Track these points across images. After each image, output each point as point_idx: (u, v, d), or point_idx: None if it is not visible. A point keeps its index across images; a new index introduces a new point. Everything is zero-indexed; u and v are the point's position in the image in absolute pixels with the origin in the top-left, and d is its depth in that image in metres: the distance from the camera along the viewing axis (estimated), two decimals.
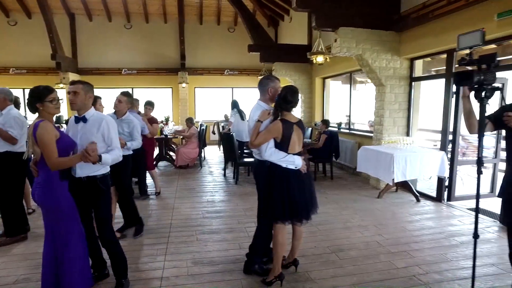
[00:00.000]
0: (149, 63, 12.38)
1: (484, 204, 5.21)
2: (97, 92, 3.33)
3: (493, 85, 2.10)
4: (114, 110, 3.90)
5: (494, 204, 5.13)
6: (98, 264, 2.92)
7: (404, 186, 5.59)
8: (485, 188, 5.73)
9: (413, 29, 5.47)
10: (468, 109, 2.33)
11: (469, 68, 2.16)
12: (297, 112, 11.19)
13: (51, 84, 3.32)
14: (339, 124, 8.62)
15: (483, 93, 2.09)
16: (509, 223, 2.30)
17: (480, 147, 2.15)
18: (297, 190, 2.73)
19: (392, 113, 5.98)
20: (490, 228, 4.19)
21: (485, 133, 2.31)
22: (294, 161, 2.72)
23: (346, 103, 8.37)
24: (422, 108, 6.36)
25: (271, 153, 2.72)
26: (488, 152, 6.65)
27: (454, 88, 5.06)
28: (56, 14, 11.22)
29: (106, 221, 2.68)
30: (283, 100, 2.71)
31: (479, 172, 2.25)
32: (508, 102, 2.33)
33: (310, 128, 8.45)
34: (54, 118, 2.55)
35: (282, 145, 2.73)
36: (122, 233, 3.89)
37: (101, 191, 2.61)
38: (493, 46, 5.86)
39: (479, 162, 2.21)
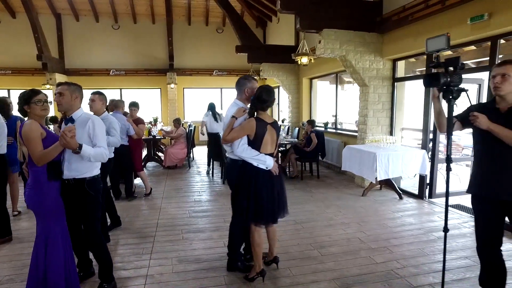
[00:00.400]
0: (138, 63, 12.35)
1: (462, 200, 5.39)
2: (87, 93, 3.38)
3: (459, 86, 2.21)
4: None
5: None
6: (84, 263, 2.96)
7: (388, 184, 5.73)
8: (464, 185, 5.91)
9: (395, 31, 5.62)
10: (438, 109, 2.45)
11: (436, 70, 2.27)
12: (285, 112, 11.33)
13: (37, 84, 3.35)
14: (326, 124, 8.75)
15: (448, 94, 2.20)
16: (477, 220, 2.42)
17: (448, 145, 2.27)
18: (264, 191, 2.75)
19: (375, 113, 6.13)
20: (467, 223, 4.35)
21: (453, 132, 2.44)
22: (265, 161, 2.76)
23: (333, 103, 8.51)
24: (408, 107, 6.53)
25: (243, 150, 2.76)
26: (467, 151, 6.88)
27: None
28: (42, 14, 11.13)
29: (91, 225, 2.65)
30: (258, 99, 2.78)
31: (448, 169, 2.36)
32: (481, 101, 2.45)
33: (297, 128, 8.56)
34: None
35: (255, 143, 2.78)
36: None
37: (88, 195, 2.58)
38: (473, 47, 6.09)
39: (448, 160, 2.33)
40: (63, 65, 11.69)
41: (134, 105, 5.56)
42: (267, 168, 2.78)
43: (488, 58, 4.38)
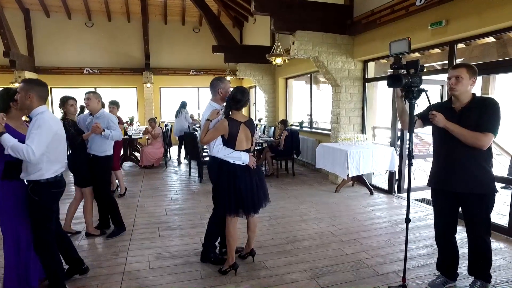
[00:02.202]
0: (113, 62, 12.14)
1: (428, 195, 5.71)
2: (60, 92, 3.36)
3: (419, 87, 2.40)
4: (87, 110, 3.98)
5: None
6: (73, 263, 2.94)
7: (360, 180, 5.98)
8: None
9: (365, 34, 5.87)
10: (401, 108, 2.65)
11: (398, 72, 2.46)
12: (262, 111, 11.48)
13: (5, 82, 3.31)
14: (301, 123, 8.97)
15: (409, 94, 2.39)
16: (435, 210, 2.64)
17: (410, 141, 2.46)
18: (243, 184, 2.90)
19: (347, 112, 6.37)
20: (430, 216, 4.62)
21: (415, 129, 2.65)
22: (240, 157, 2.91)
23: (308, 103, 8.73)
24: (379, 107, 6.82)
25: (218, 150, 2.91)
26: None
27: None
28: (8, 8, 10.71)
29: (35, 227, 2.52)
30: (233, 100, 2.90)
31: (410, 164, 2.55)
32: (437, 101, 2.66)
33: (273, 127, 8.72)
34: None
35: (230, 142, 2.91)
36: (102, 230, 4.01)
37: (31, 199, 2.46)
38: (438, 50, 6.44)
39: (410, 155, 2.52)
40: (33, 62, 11.31)
41: (114, 104, 5.52)
42: (243, 163, 2.91)
43: (445, 62, 4.70)
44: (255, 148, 6.96)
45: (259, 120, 11.40)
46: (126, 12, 11.91)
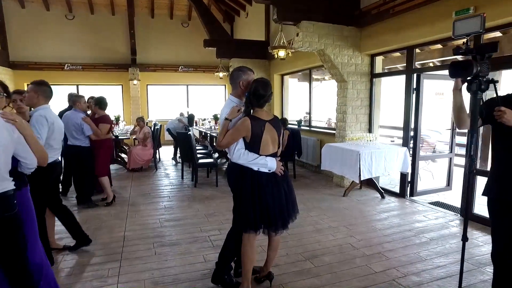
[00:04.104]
0: (96, 58, 11.37)
1: (441, 197, 5.35)
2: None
3: (487, 77, 1.94)
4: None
5: (452, 198, 5.30)
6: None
7: (369, 183, 5.55)
8: (441, 182, 5.91)
9: (374, 25, 5.44)
10: (460, 103, 2.16)
11: (462, 58, 2.00)
12: None
13: None
14: (299, 122, 8.51)
15: (475, 86, 1.92)
16: (497, 224, 2.19)
17: (472, 144, 1.99)
18: (270, 196, 2.43)
19: (354, 110, 5.94)
20: (453, 222, 4.24)
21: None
22: (266, 164, 2.42)
23: (305, 100, 8.28)
24: (383, 104, 6.42)
25: (239, 155, 2.41)
26: (443, 147, 6.93)
27: (414, 84, 5.12)
28: None
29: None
30: (254, 95, 2.39)
31: (471, 172, 2.09)
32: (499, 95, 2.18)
33: None
34: None
35: (253, 145, 2.41)
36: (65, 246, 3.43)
37: None
38: (439, 46, 6.07)
39: (471, 163, 2.06)
40: (6, 57, 10.40)
41: (95, 101, 4.94)
42: (269, 170, 2.42)
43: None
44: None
45: None
46: (110, 5, 11.17)
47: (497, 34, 5.30)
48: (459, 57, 2.66)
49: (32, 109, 3.06)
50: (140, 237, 3.79)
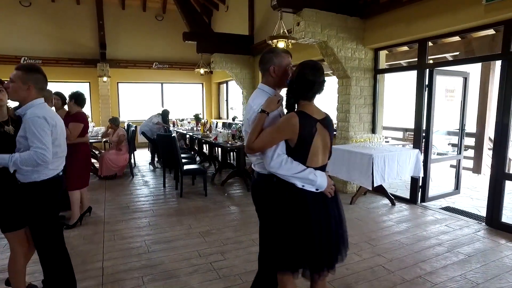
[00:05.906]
0: (59, 51, 10.17)
1: (451, 202, 4.96)
2: None
3: None
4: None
5: (461, 202, 4.95)
6: None
7: (378, 189, 5.05)
8: (449, 186, 5.55)
9: (381, 16, 4.95)
10: None
11: None
12: (238, 109, 10.23)
13: None
14: None
15: None
16: None
17: None
18: (317, 224, 1.77)
19: (358, 108, 5.42)
20: (481, 232, 3.81)
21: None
22: (316, 180, 1.76)
23: None
24: (386, 103, 5.96)
25: (280, 163, 1.74)
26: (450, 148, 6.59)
27: (426, 81, 4.68)
28: None
29: None
30: (301, 83, 1.74)
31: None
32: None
33: None
34: None
35: (298, 153, 1.76)
36: None
37: None
38: (453, 39, 5.72)
39: None
40: None
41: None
42: (318, 190, 1.75)
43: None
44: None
45: (233, 119, 10.21)
46: None
47: None
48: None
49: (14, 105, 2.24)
50: (124, 268, 3.00)
